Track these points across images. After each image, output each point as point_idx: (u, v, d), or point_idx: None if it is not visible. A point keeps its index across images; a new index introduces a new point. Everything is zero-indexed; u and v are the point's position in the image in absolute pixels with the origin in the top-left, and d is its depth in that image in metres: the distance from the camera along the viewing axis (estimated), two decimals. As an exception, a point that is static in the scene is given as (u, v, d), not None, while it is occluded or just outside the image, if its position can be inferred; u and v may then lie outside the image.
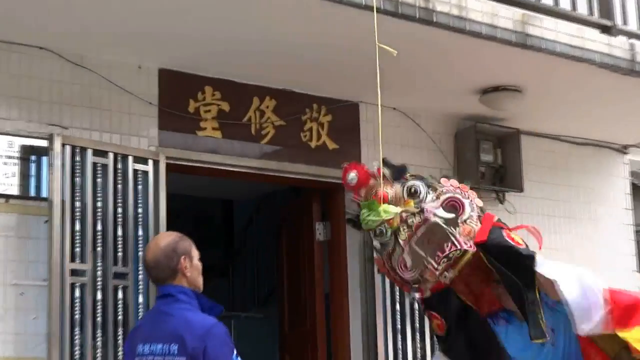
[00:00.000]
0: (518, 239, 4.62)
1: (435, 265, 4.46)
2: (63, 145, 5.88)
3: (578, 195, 8.90)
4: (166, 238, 4.30)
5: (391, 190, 4.73)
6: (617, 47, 6.95)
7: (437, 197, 4.67)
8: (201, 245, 4.33)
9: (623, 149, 9.32)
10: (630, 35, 7.23)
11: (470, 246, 4.47)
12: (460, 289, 4.53)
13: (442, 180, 4.77)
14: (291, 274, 8.28)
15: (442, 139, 8.02)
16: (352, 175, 4.93)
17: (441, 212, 4.61)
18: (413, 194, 4.66)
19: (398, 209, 4.80)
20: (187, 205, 9.69)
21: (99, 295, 5.92)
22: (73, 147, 5.95)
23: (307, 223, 7.95)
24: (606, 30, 7.00)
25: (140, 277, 6.10)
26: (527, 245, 4.64)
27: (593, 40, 6.80)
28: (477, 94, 7.45)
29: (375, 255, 4.70)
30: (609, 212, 9.11)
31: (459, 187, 4.82)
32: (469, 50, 6.47)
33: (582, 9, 7.05)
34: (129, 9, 5.65)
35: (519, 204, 8.37)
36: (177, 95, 6.66)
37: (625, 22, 7.33)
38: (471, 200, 4.77)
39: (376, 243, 4.64)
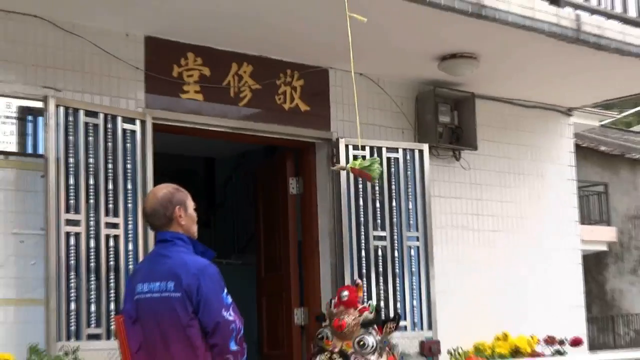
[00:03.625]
0: None
1: None
2: (57, 106, 5.85)
3: (527, 153, 8.96)
4: (163, 190, 4.33)
5: (352, 323, 5.60)
6: (564, 17, 6.96)
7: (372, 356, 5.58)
8: (185, 198, 4.34)
9: (568, 112, 9.38)
10: (576, 6, 7.25)
11: None
12: None
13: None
14: (267, 224, 8.30)
15: (404, 102, 8.03)
16: (345, 293, 5.75)
17: None
18: (361, 346, 5.55)
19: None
20: (172, 163, 9.66)
21: (92, 243, 5.91)
22: (66, 108, 5.91)
23: (281, 178, 7.95)
24: (554, 2, 7.00)
25: (130, 226, 6.11)
26: None
27: (542, 11, 6.81)
28: (436, 60, 7.45)
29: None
30: (554, 169, 9.19)
31: None
32: (429, 20, 6.45)
33: (532, -17, 7.05)
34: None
35: (473, 161, 8.42)
36: (162, 61, 6.62)
37: (571, -6, 7.34)
38: None
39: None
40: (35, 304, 5.73)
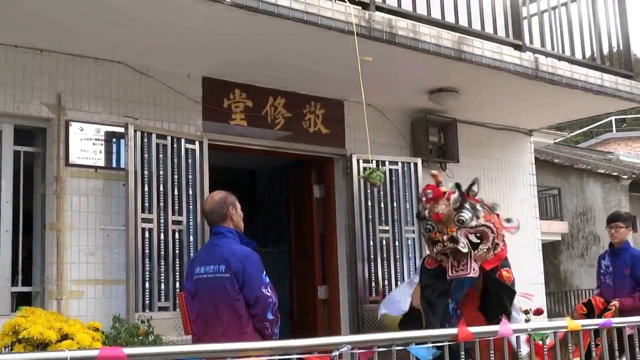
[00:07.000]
0: (506, 275, 5.30)
1: (449, 273, 5.12)
2: (135, 131, 5.85)
3: (498, 165, 8.87)
4: (219, 194, 4.36)
5: (445, 210, 5.05)
6: (526, 59, 6.89)
7: (477, 220, 5.22)
8: (233, 200, 4.30)
9: (529, 132, 9.30)
10: (534, 51, 7.18)
11: (475, 272, 4.86)
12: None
13: (487, 216, 5.30)
14: (297, 220, 8.27)
15: (402, 126, 7.97)
16: (429, 191, 5.43)
17: (472, 237, 4.92)
18: (460, 222, 5.16)
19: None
20: (223, 174, 9.63)
21: (162, 236, 5.91)
22: (142, 133, 5.91)
23: (307, 185, 7.91)
24: (518, 47, 6.94)
25: (191, 223, 6.09)
26: (513, 281, 5.30)
27: (508, 55, 6.75)
28: (427, 94, 7.39)
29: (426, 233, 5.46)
30: (519, 177, 9.09)
31: (494, 223, 5.10)
32: (421, 62, 6.41)
33: (501, 33, 6.99)
34: (181, 36, 5.59)
35: (456, 171, 8.33)
36: (215, 95, 6.60)
37: (531, 41, 7.28)
38: (495, 236, 5.07)
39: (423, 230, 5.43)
40: (118, 283, 5.73)
